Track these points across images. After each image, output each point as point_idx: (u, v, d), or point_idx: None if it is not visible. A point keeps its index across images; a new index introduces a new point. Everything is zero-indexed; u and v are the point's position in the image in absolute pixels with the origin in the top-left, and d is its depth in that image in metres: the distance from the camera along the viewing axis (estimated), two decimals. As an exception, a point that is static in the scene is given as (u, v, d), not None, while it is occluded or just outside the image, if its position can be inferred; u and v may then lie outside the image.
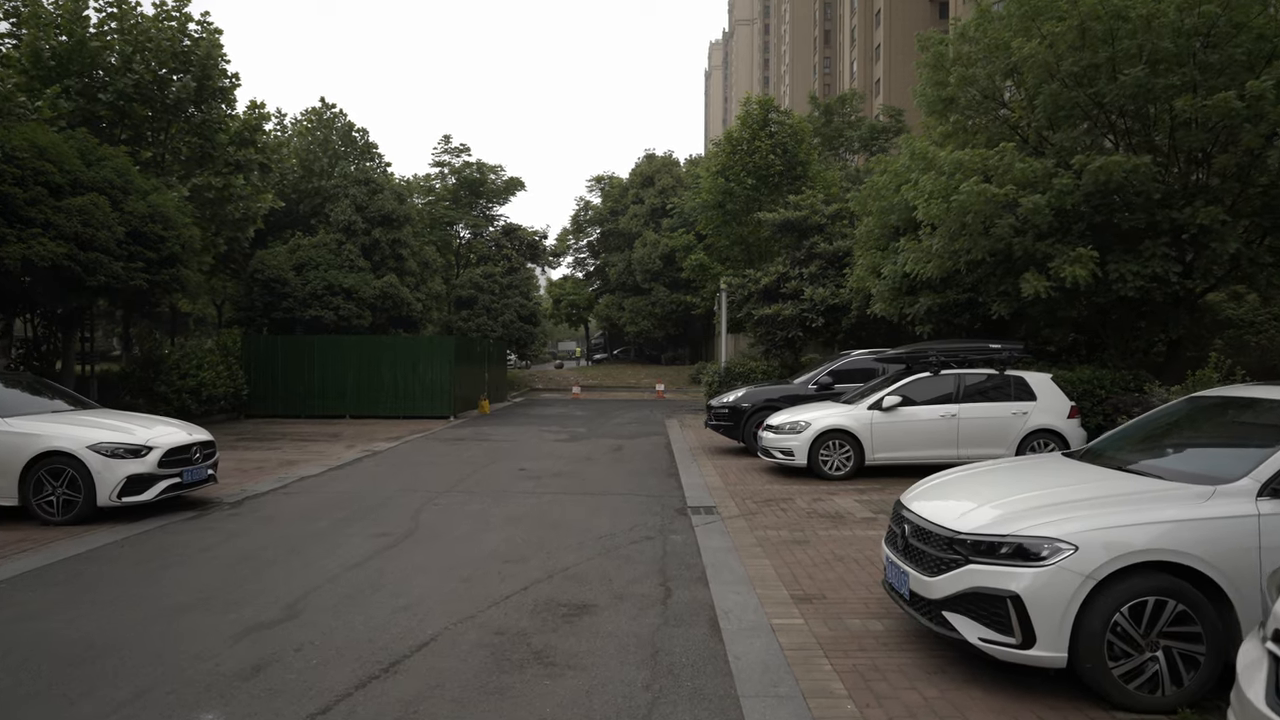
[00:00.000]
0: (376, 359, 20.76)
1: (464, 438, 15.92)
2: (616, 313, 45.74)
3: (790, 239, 22.62)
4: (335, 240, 26.45)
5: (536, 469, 11.53)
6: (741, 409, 12.93)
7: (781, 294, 21.14)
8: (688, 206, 33.16)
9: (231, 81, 19.02)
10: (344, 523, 7.77)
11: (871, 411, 10.34)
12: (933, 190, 12.07)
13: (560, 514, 8.22)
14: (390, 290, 26.34)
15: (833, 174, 26.10)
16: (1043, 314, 13.22)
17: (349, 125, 29.01)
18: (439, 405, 20.65)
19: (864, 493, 9.37)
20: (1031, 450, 10.31)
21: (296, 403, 20.66)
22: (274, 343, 20.96)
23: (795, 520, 7.85)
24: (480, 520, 7.91)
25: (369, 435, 16.25)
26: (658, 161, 46.50)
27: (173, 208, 15.29)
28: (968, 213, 11.64)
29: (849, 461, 10.28)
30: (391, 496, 9.23)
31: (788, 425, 10.55)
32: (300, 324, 25.53)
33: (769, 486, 9.86)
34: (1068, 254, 11.34)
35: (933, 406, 10.36)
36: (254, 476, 10.69)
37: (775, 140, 23.88)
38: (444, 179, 36.20)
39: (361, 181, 27.14)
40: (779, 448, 10.53)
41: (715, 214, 25.26)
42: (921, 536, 4.22)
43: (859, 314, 19.48)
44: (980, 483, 4.66)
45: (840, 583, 5.68)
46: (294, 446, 14.23)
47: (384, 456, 13.00)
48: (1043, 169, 11.56)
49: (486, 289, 31.80)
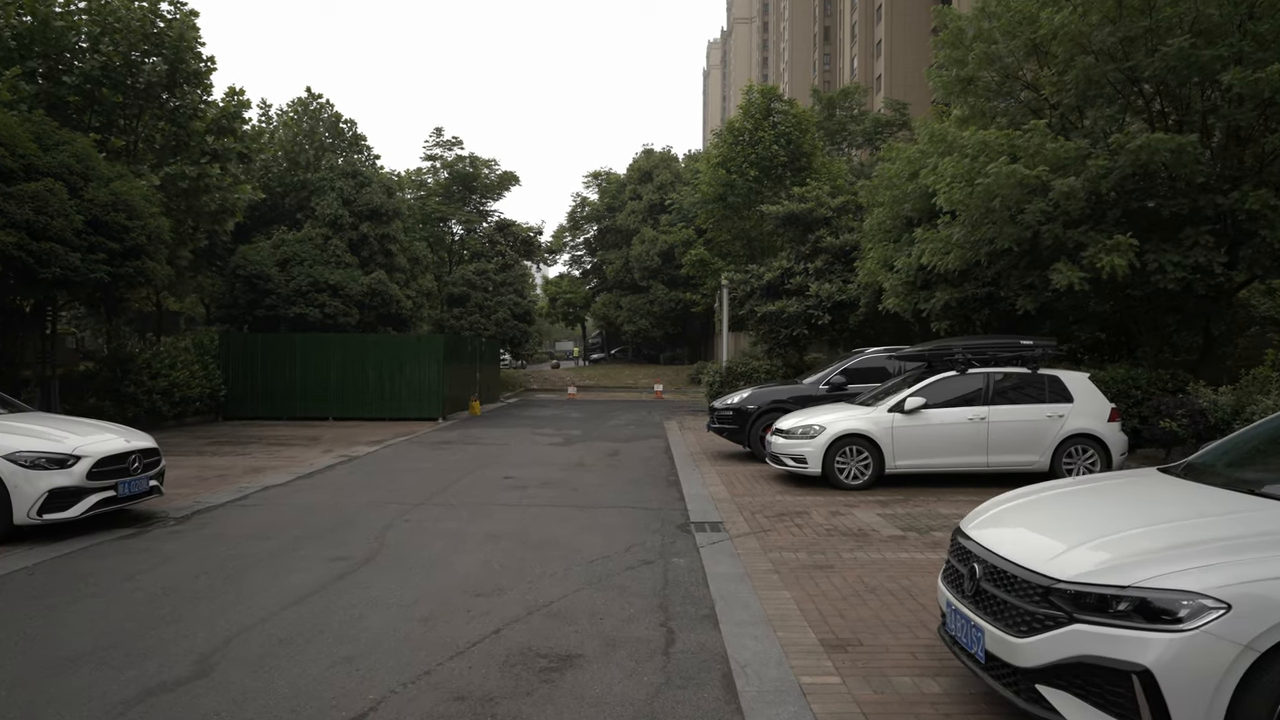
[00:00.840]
0: (361, 358, 19.78)
1: (450, 441, 14.95)
2: (614, 311, 44.76)
3: (794, 233, 21.68)
4: (321, 235, 25.48)
5: (524, 477, 10.57)
6: (747, 411, 11.98)
7: (786, 290, 20.20)
8: (687, 202, 32.23)
9: (206, 65, 18.03)
10: (298, 543, 6.80)
11: (892, 414, 9.39)
12: (955, 174, 11.12)
13: (547, 531, 7.26)
14: (379, 287, 25.36)
15: (839, 165, 25.20)
16: (1071, 309, 12.28)
17: (336, 116, 28.01)
18: (427, 406, 19.68)
19: (886, 505, 8.41)
20: (1069, 457, 9.37)
21: (277, 404, 19.67)
22: (253, 341, 19.98)
23: (813, 539, 6.89)
24: (455, 539, 6.95)
25: (349, 439, 15.28)
26: (656, 157, 45.50)
27: (138, 196, 14.30)
28: (994, 197, 10.70)
29: (867, 469, 9.33)
30: (360, 510, 8.26)
31: (800, 429, 9.59)
32: (285, 322, 24.56)
33: (780, 498, 8.90)
34: (1103, 242, 10.40)
35: (960, 409, 9.41)
36: (213, 486, 9.71)
37: (778, 130, 22.94)
38: (436, 173, 35.19)
39: (349, 174, 26.16)
40: (790, 454, 9.58)
41: (716, 207, 24.31)
42: (1000, 581, 3.26)
43: (868, 310, 18.56)
44: (1067, 508, 3.70)
45: (878, 623, 4.73)
46: (266, 451, 13.26)
47: (361, 463, 12.03)
48: (1076, 150, 10.61)
49: (479, 286, 30.82)
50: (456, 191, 35.19)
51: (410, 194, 34.24)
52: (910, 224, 15.10)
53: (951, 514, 7.90)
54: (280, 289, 24.01)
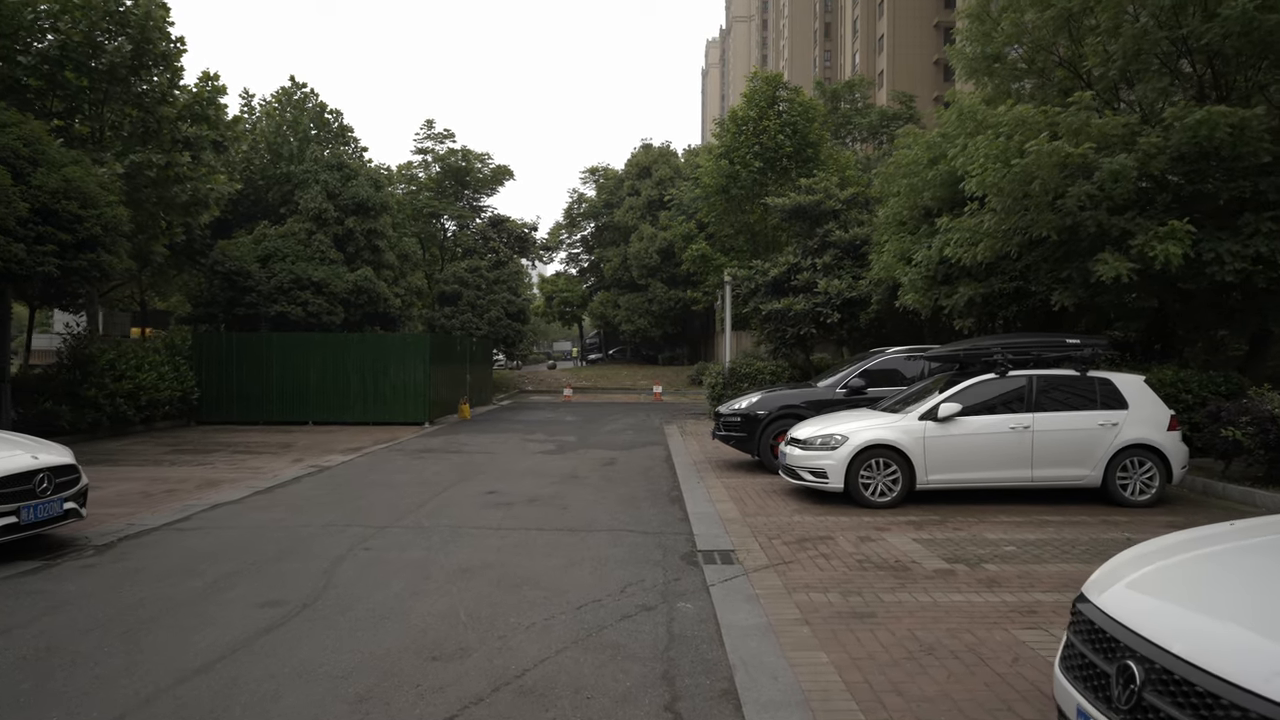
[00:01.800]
0: (342, 359, 18.66)
1: (433, 449, 13.83)
2: (611, 310, 43.62)
3: (801, 226, 20.59)
4: (305, 230, 24.36)
5: (510, 492, 9.46)
6: (756, 417, 10.88)
7: (792, 287, 19.10)
8: (687, 198, 31.16)
9: (175, 46, 16.91)
10: (230, 581, 5.69)
11: (924, 423, 8.29)
12: (988, 154, 10.02)
13: (528, 564, 6.15)
14: (365, 284, 24.24)
15: (847, 156, 24.11)
16: (1112, 304, 11.20)
17: (321, 106, 26.87)
18: (413, 410, 18.56)
19: (921, 528, 7.32)
20: (1123, 471, 8.28)
21: (254, 408, 18.56)
22: (228, 341, 18.85)
23: (844, 574, 5.79)
24: (419, 575, 5.84)
25: (325, 446, 14.16)
26: (655, 152, 44.33)
27: (93, 184, 13.17)
28: (1032, 180, 9.61)
29: (896, 485, 8.24)
30: (315, 535, 7.15)
31: (819, 439, 8.49)
32: (266, 320, 23.44)
33: (798, 518, 7.81)
34: (1154, 229, 9.32)
35: (1000, 416, 8.32)
36: (156, 504, 8.60)
37: (784, 120, 21.84)
38: (427, 168, 34.01)
39: (334, 166, 25.03)
40: (808, 467, 8.47)
41: (718, 200, 23.19)
42: (1183, 695, 2.16)
43: (881, 308, 17.47)
44: (1257, 575, 2.59)
45: (949, 704, 3.63)
46: (230, 461, 12.14)
47: (331, 475, 10.92)
48: (1125, 125, 9.53)
49: (471, 284, 29.68)
50: (449, 186, 34.03)
51: (401, 188, 33.11)
52: (929, 214, 14.03)
53: (1000, 540, 6.81)
54: (261, 286, 22.89)
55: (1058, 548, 6.58)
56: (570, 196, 47.64)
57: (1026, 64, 13.20)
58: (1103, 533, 7.14)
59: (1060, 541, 6.79)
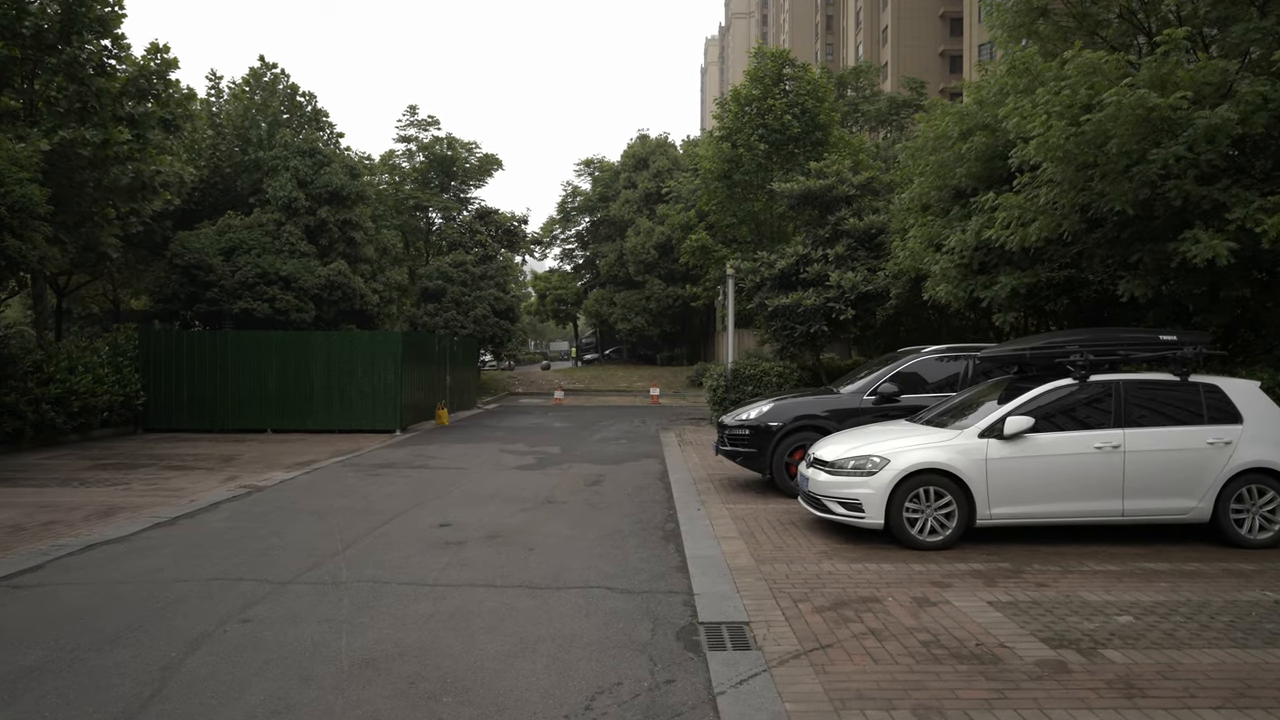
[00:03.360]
0: (305, 360, 16.88)
1: (395, 463, 12.07)
2: (607, 308, 41.80)
3: (811, 214, 18.83)
4: (273, 221, 22.58)
5: (467, 524, 7.69)
6: (768, 430, 9.11)
7: (801, 280, 17.33)
8: (685, 190, 29.39)
9: (113, 10, 15.13)
10: (14, 685, 3.92)
11: (985, 441, 6.54)
12: (1053, 110, 8.25)
13: (459, 651, 4.39)
14: (338, 279, 22.45)
15: (860, 138, 22.36)
16: (1194, 295, 9.42)
17: (293, 88, 25.07)
18: (383, 416, 16.79)
19: (991, 581, 5.56)
20: (1238, 502, 6.52)
21: (206, 414, 16.77)
22: (178, 340, 17.07)
23: (910, 671, 4.04)
24: (298, 674, 4.08)
25: (272, 459, 12.40)
26: (652, 143, 42.49)
27: (1, 160, 11.41)
28: (1108, 139, 7.84)
29: (950, 520, 6.48)
30: (184, 598, 5.38)
31: (852, 462, 6.73)
32: (230, 318, 21.68)
33: (829, 566, 6.04)
34: (1256, 200, 7.59)
35: (1082, 434, 6.56)
36: (17, 543, 6.83)
37: (791, 99, 20.08)
38: (411, 157, 32.15)
39: (306, 152, 23.24)
40: (838, 496, 6.72)
41: (719, 187, 21.40)
42: None
43: (900, 302, 15.73)
44: None
45: None
46: (152, 480, 10.37)
47: (260, 499, 9.15)
48: (1221, 71, 7.78)
49: (456, 279, 27.87)
50: (434, 177, 32.19)
51: (384, 178, 31.30)
52: (960, 195, 12.32)
53: (1105, 604, 5.06)
54: (224, 281, 21.13)
55: (1189, 617, 4.83)
56: (564, 189, 45.73)
57: (1076, 20, 11.46)
58: (1234, 589, 5.39)
59: (1187, 607, 5.04)
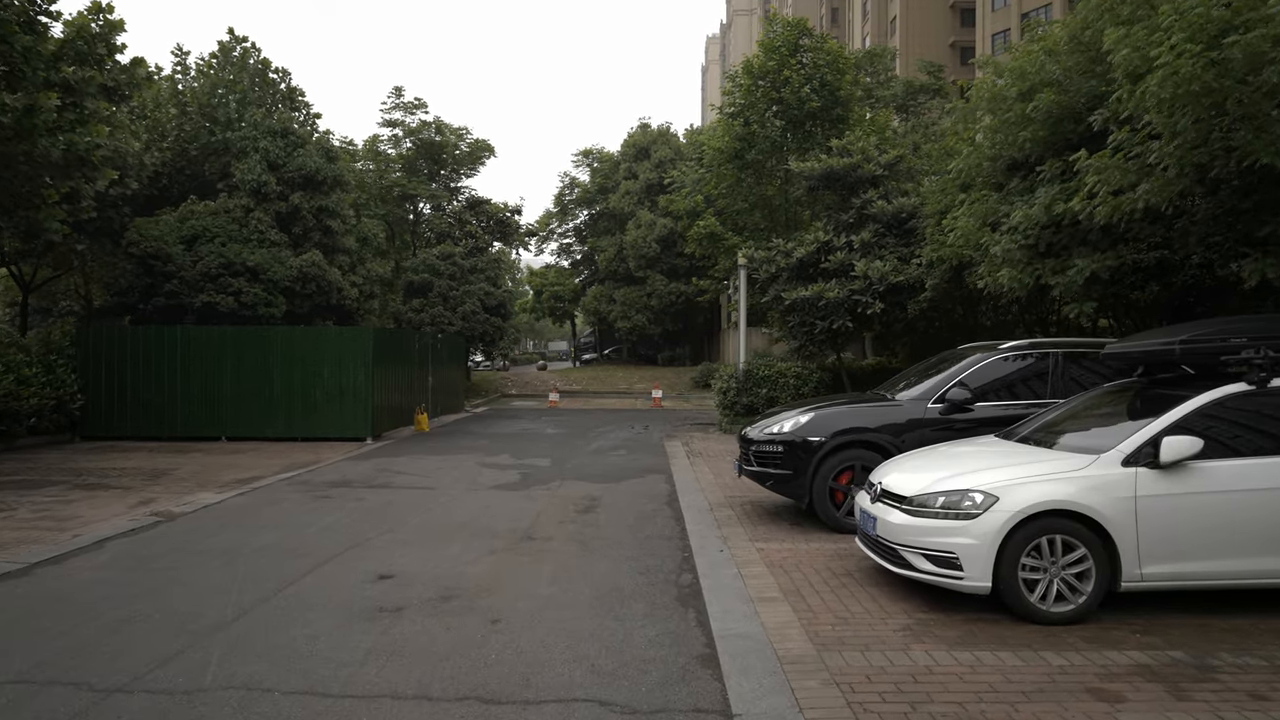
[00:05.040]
0: (264, 358, 14.99)
1: (350, 482, 10.16)
2: (606, 305, 39.85)
3: (831, 198, 16.95)
4: (241, 207, 20.65)
5: (415, 575, 5.79)
6: (807, 446, 7.20)
7: (823, 270, 15.49)
8: (690, 179, 27.46)
9: (38, -44, 13.22)
10: None
11: (1132, 471, 4.65)
12: (1181, 34, 6.35)
13: None
14: (313, 271, 20.53)
15: (884, 116, 20.49)
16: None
17: (264, 64, 23.12)
18: (352, 422, 14.89)
19: (1180, 690, 3.67)
20: None
21: (154, 419, 14.88)
22: (122, 337, 15.17)
23: None
24: None
25: (210, 475, 10.51)
26: (653, 132, 40.54)
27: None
28: (1261, 65, 5.96)
29: (1084, 582, 4.60)
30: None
31: (942, 498, 4.84)
32: (191, 313, 19.77)
33: (923, 657, 4.14)
34: None
35: (1266, 460, 4.68)
36: None
37: (808, 72, 18.20)
38: (397, 143, 30.18)
39: (277, 133, 21.32)
40: (925, 547, 4.82)
41: (729, 169, 19.50)
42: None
43: (938, 294, 13.80)
44: None
45: None
46: (43, 505, 8.47)
47: (164, 533, 7.26)
48: None
49: (444, 273, 25.94)
50: (422, 166, 30.26)
51: (369, 166, 29.35)
52: (1016, 167, 10.49)
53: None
54: (185, 272, 19.20)
55: None
56: (561, 181, 43.72)
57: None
58: None
59: None
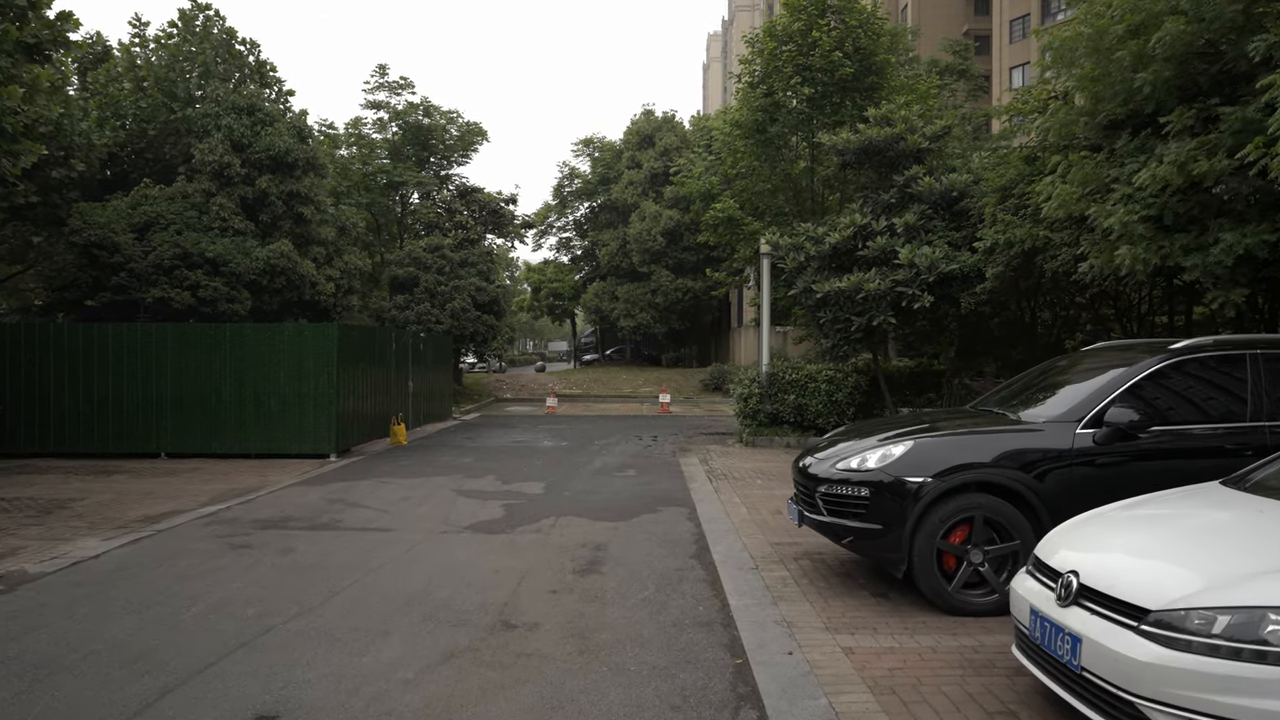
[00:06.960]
0: (210, 362, 12.82)
1: (287, 520, 7.97)
2: (608, 303, 37.67)
3: (867, 175, 14.77)
4: (201, 192, 18.50)
5: (317, 709, 3.60)
6: (904, 489, 5.01)
7: (860, 258, 13.30)
8: (696, 170, 25.26)
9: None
10: None
11: None
12: None
13: None
14: (281, 262, 18.34)
15: (925, 84, 18.31)
16: None
17: (229, 33, 20.93)
18: (313, 435, 12.72)
19: None
20: None
21: (83, 433, 12.73)
22: (44, 336, 13.00)
23: None
24: None
25: (116, 508, 8.33)
26: (658, 119, 38.35)
27: None
28: None
29: None
30: None
31: (1242, 621, 2.64)
32: (143, 309, 17.62)
33: None
34: None
35: None
36: None
37: (841, 33, 16.04)
38: (383, 127, 28.00)
39: (243, 109, 19.15)
40: (1214, 715, 2.62)
41: (747, 146, 17.30)
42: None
43: (1001, 285, 11.55)
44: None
45: None
46: None
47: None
48: None
49: (431, 266, 23.77)
50: (410, 152, 28.08)
51: (354, 151, 27.20)
52: (1121, 124, 8.34)
53: None
54: (135, 263, 17.05)
55: None
56: (560, 171, 41.55)
57: None
58: None
59: None
